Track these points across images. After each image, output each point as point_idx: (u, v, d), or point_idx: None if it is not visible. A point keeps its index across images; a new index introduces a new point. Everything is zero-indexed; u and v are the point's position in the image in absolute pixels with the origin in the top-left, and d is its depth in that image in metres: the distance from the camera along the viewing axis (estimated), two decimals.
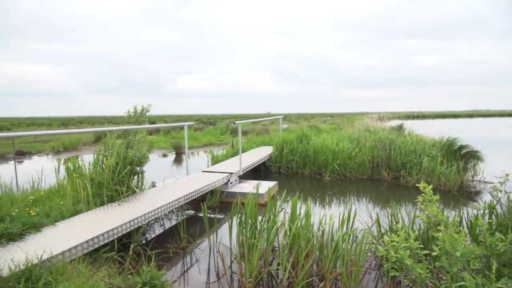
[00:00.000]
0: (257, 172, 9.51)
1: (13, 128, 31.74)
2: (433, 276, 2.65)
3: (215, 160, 9.80)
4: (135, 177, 5.22)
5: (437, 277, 2.69)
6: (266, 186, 6.50)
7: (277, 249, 3.86)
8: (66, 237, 3.28)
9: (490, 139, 18.03)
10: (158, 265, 3.57)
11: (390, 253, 2.35)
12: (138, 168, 5.20)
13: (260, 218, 3.82)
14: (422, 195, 2.69)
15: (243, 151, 9.37)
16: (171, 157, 13.57)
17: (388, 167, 8.59)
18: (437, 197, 2.69)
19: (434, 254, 2.30)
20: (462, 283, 2.13)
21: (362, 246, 3.15)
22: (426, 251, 2.38)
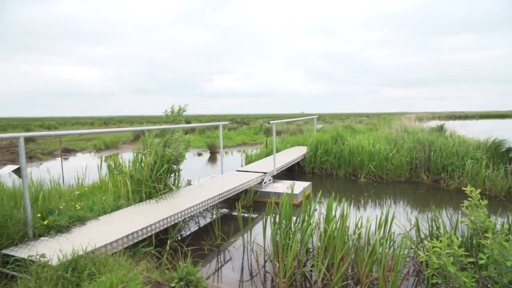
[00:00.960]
0: (290, 172, 9.46)
1: (60, 127, 33.78)
2: (478, 286, 2.51)
3: (249, 160, 9.88)
4: (172, 175, 5.37)
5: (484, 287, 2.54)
6: (300, 186, 6.45)
7: (311, 250, 3.81)
8: (108, 231, 3.44)
9: None
10: (193, 261, 3.64)
11: (432, 259, 2.24)
12: (175, 167, 5.35)
13: (294, 218, 3.79)
14: (468, 199, 2.55)
15: (277, 151, 9.36)
16: (206, 156, 13.83)
17: (427, 169, 8.23)
18: (485, 201, 2.54)
19: (481, 262, 2.17)
20: None
21: (400, 251, 3.04)
22: (471, 259, 2.26)
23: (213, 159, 13.01)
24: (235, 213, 5.68)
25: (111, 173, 5.27)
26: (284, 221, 3.67)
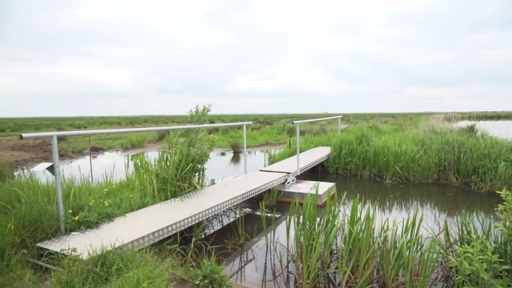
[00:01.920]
0: (314, 173, 9.38)
1: (89, 126, 34.97)
2: None
3: (272, 160, 9.86)
4: (196, 174, 5.45)
5: None
6: (324, 187, 6.38)
7: (335, 252, 3.76)
8: (135, 228, 3.53)
9: None
10: (217, 259, 3.68)
11: (463, 265, 2.16)
12: (199, 166, 5.42)
13: (318, 219, 3.76)
14: (503, 203, 2.44)
15: (300, 151, 9.30)
16: (229, 155, 13.92)
17: (456, 171, 7.94)
18: None
19: None
20: None
21: (429, 255, 2.95)
22: (506, 266, 2.16)
23: (236, 158, 13.08)
24: (258, 212, 5.69)
25: (137, 171, 5.41)
26: (308, 221, 3.64)
